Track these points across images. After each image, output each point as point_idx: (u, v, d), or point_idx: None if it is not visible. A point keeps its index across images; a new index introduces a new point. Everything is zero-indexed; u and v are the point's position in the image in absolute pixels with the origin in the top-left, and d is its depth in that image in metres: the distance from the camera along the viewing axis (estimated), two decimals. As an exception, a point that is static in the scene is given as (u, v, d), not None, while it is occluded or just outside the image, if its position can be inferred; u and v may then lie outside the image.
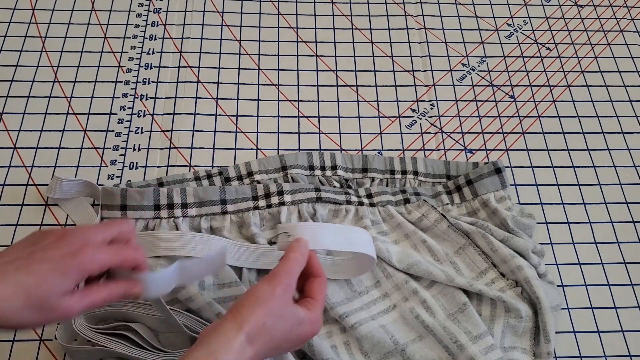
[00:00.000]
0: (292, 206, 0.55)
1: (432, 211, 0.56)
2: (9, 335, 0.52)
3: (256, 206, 0.55)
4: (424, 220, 0.55)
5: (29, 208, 0.59)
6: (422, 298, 0.52)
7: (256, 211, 0.55)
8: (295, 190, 0.56)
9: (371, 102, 0.69)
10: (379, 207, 0.56)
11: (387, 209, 0.56)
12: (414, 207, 0.57)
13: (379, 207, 0.56)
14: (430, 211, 0.56)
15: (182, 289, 0.49)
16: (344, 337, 0.51)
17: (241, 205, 0.55)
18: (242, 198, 0.55)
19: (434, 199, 0.57)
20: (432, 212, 0.56)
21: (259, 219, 0.55)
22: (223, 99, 0.68)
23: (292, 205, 0.55)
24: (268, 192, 0.56)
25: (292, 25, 0.75)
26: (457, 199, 0.58)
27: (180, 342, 0.50)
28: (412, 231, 0.55)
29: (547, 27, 0.77)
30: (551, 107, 0.69)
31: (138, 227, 0.53)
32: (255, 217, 0.55)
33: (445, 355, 0.49)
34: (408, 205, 0.57)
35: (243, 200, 0.55)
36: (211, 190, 0.55)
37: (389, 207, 0.56)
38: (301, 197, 0.56)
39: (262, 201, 0.55)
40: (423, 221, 0.56)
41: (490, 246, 0.54)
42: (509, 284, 0.53)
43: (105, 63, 0.69)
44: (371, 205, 0.56)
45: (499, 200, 0.58)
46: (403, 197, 0.57)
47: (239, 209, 0.55)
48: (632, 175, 0.65)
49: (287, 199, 0.55)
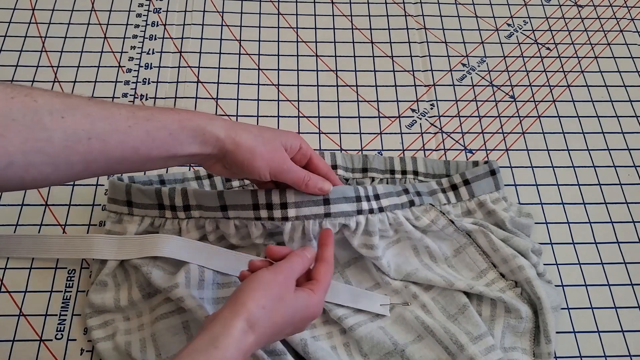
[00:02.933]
0: (297, 222, 0.51)
1: (441, 217, 0.54)
2: (9, 335, 0.52)
3: (257, 216, 0.51)
4: (433, 226, 0.54)
5: (29, 208, 0.59)
6: (422, 302, 0.52)
7: (258, 222, 0.51)
8: (301, 203, 0.50)
9: (371, 102, 0.69)
10: (387, 212, 0.53)
11: (396, 216, 0.53)
12: (422, 212, 0.54)
13: (387, 212, 0.53)
14: (439, 217, 0.54)
15: (176, 288, 0.49)
16: (343, 338, 0.51)
17: (242, 214, 0.51)
18: (241, 205, 0.51)
19: (431, 196, 0.57)
20: (440, 218, 0.54)
21: (262, 230, 0.52)
22: (223, 99, 0.68)
23: (296, 221, 0.51)
24: (270, 202, 0.50)
25: (292, 25, 0.75)
26: (452, 198, 0.57)
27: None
28: (419, 239, 0.54)
29: (547, 27, 0.77)
30: (551, 107, 0.69)
31: (144, 224, 0.53)
32: (257, 229, 0.52)
33: (445, 355, 0.49)
34: (414, 209, 0.54)
35: (243, 209, 0.51)
36: (209, 196, 0.52)
37: (398, 213, 0.53)
38: (307, 212, 0.50)
39: (264, 211, 0.50)
40: (432, 227, 0.54)
41: (492, 245, 0.54)
42: (509, 284, 0.53)
43: (105, 63, 0.69)
44: (380, 210, 0.52)
45: (494, 201, 0.57)
46: (408, 200, 0.54)
47: (240, 216, 0.51)
48: (632, 175, 0.65)
49: (291, 213, 0.50)
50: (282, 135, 0.47)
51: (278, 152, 0.46)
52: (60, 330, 0.53)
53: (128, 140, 0.39)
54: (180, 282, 0.49)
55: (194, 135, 0.42)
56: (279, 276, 0.42)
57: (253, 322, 0.39)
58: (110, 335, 0.51)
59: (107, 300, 0.52)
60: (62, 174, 0.37)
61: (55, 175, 0.37)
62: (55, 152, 0.35)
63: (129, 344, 0.50)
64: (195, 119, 0.42)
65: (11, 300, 0.54)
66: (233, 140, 0.43)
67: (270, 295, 0.40)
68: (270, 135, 0.46)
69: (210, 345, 0.37)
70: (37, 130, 0.35)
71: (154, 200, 0.53)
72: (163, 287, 0.49)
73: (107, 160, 0.38)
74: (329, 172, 0.51)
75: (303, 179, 0.48)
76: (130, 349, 0.49)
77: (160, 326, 0.50)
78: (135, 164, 0.40)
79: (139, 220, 0.53)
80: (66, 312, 0.53)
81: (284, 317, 0.41)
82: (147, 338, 0.50)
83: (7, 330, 0.52)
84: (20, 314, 0.53)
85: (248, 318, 0.38)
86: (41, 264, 0.56)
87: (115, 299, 0.52)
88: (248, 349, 0.38)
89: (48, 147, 0.35)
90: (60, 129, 0.36)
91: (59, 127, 0.35)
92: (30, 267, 0.56)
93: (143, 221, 0.53)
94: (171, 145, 0.41)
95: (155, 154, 0.40)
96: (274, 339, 0.42)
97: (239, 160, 0.44)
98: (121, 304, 0.52)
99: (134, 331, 0.51)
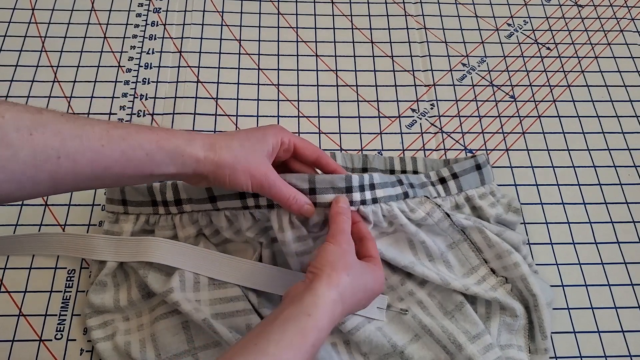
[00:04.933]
0: (283, 209, 0.49)
1: (437, 210, 0.53)
2: (9, 335, 0.52)
3: (244, 205, 0.50)
4: (428, 219, 0.53)
5: (29, 208, 0.59)
6: (419, 299, 0.52)
7: (246, 211, 0.51)
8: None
9: (371, 102, 0.69)
10: (381, 203, 0.51)
11: (391, 208, 0.52)
12: (416, 204, 0.53)
13: (382, 203, 0.51)
14: (435, 210, 0.53)
15: (171, 292, 0.49)
16: (344, 336, 0.51)
17: (229, 203, 0.51)
18: (229, 195, 0.50)
19: (422, 189, 0.55)
20: (436, 210, 0.53)
21: (251, 221, 0.51)
22: (223, 99, 0.67)
23: (281, 209, 0.49)
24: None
25: (292, 25, 0.75)
26: (442, 192, 0.56)
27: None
28: (414, 233, 0.53)
29: (547, 27, 0.77)
30: (551, 107, 0.69)
31: (139, 222, 0.53)
32: (247, 221, 0.51)
33: (443, 355, 0.49)
34: (409, 201, 0.53)
35: (230, 198, 0.50)
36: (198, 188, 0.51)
37: (393, 205, 0.52)
38: None
39: (251, 199, 0.50)
40: (427, 220, 0.53)
41: (487, 241, 0.54)
42: (500, 280, 0.53)
43: (105, 63, 0.69)
44: (374, 201, 0.51)
45: (480, 197, 0.56)
46: (402, 191, 0.53)
47: (227, 206, 0.51)
48: (632, 175, 0.64)
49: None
50: (265, 140, 0.45)
51: (261, 167, 0.44)
52: (60, 331, 0.53)
53: (100, 160, 0.38)
54: (174, 286, 0.49)
55: (171, 156, 0.41)
56: (342, 245, 0.43)
57: (342, 292, 0.40)
58: (109, 335, 0.51)
59: (106, 300, 0.52)
60: (27, 192, 0.36)
61: (19, 193, 0.35)
62: (20, 170, 0.34)
63: (128, 344, 0.50)
64: (174, 139, 0.41)
65: (11, 300, 0.54)
66: (213, 160, 0.42)
67: (347, 267, 0.42)
68: (253, 146, 0.44)
69: (303, 314, 0.37)
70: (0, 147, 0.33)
71: (146, 197, 0.53)
72: (159, 292, 0.49)
73: (76, 178, 0.37)
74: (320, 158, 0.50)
75: (288, 199, 0.46)
76: (129, 349, 0.49)
77: (160, 326, 0.50)
78: (106, 182, 0.40)
79: (134, 219, 0.53)
80: (66, 312, 0.53)
81: (360, 286, 0.42)
82: (146, 338, 0.50)
83: (7, 330, 0.52)
84: (20, 314, 0.53)
85: (338, 289, 0.40)
86: (41, 264, 0.56)
87: (115, 299, 0.52)
88: (337, 318, 0.39)
89: (12, 165, 0.34)
90: (28, 147, 0.34)
91: (26, 145, 0.34)
92: (30, 267, 0.56)
93: (138, 219, 0.53)
94: (147, 166, 0.40)
95: (130, 173, 0.40)
96: (354, 309, 0.43)
97: (220, 179, 0.43)
98: (121, 304, 0.52)
99: (134, 331, 0.51)
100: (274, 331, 0.36)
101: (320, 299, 0.38)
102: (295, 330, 0.36)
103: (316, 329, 0.37)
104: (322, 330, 0.37)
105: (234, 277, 0.51)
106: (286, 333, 0.36)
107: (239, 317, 0.49)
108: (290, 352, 0.35)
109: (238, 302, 0.50)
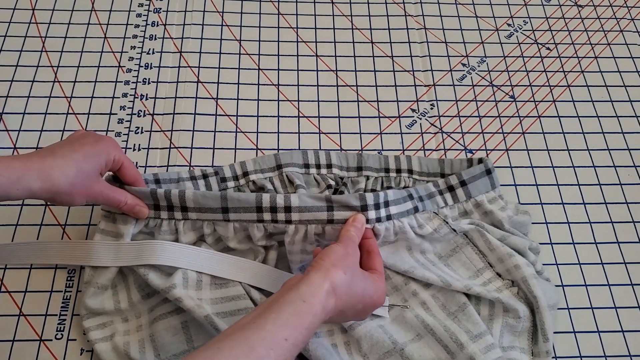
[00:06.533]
0: (300, 225, 0.51)
1: (444, 226, 0.54)
2: (9, 335, 0.52)
3: (260, 219, 0.51)
4: (435, 234, 0.54)
5: (29, 208, 0.59)
6: (422, 299, 0.52)
7: (260, 224, 0.51)
8: (305, 208, 0.50)
9: (371, 102, 0.69)
10: (394, 219, 0.52)
11: (402, 224, 0.52)
12: (425, 220, 0.54)
13: (394, 220, 0.52)
14: (442, 226, 0.54)
15: (173, 288, 0.49)
16: (344, 337, 0.51)
17: (244, 216, 0.51)
18: (244, 208, 0.51)
19: (429, 200, 0.56)
20: (443, 227, 0.54)
21: (263, 232, 0.52)
22: (223, 99, 0.68)
23: (299, 224, 0.51)
24: (275, 205, 0.50)
25: (292, 25, 0.75)
26: (449, 200, 0.57)
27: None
28: (418, 244, 0.54)
29: (547, 27, 0.77)
30: (551, 107, 0.69)
31: (139, 225, 0.53)
32: (259, 232, 0.52)
33: (444, 354, 0.49)
34: (418, 215, 0.54)
35: (246, 211, 0.51)
36: (212, 197, 0.51)
37: (404, 221, 0.53)
38: (310, 217, 0.50)
39: (267, 214, 0.51)
40: (434, 235, 0.54)
41: (488, 245, 0.54)
42: (506, 283, 0.53)
43: (105, 63, 0.69)
44: (387, 218, 0.52)
45: (490, 201, 0.57)
46: (413, 206, 0.54)
47: (241, 219, 0.51)
48: (632, 175, 0.64)
49: (295, 217, 0.50)
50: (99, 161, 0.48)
51: (95, 187, 0.48)
52: (60, 330, 0.53)
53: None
54: (177, 282, 0.49)
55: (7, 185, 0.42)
56: (348, 248, 0.46)
57: (335, 286, 0.42)
58: (108, 336, 0.51)
59: (106, 303, 0.52)
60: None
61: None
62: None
63: (127, 344, 0.50)
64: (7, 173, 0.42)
65: (11, 300, 0.54)
66: (49, 189, 0.44)
67: (347, 266, 0.44)
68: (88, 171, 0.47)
69: (299, 299, 0.40)
70: None
71: (149, 200, 0.53)
72: (161, 288, 0.49)
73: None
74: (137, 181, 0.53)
75: (119, 203, 0.51)
76: (129, 349, 0.49)
77: (159, 327, 0.49)
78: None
79: (134, 221, 0.53)
80: (66, 312, 0.53)
81: (358, 289, 0.44)
82: (146, 339, 0.50)
83: (7, 330, 0.52)
84: (20, 314, 0.53)
85: (332, 282, 0.42)
86: (41, 264, 0.56)
87: (116, 301, 0.52)
88: (329, 311, 0.41)
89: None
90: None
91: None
92: (30, 267, 0.56)
93: (138, 221, 0.53)
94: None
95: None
96: (350, 312, 0.45)
97: (57, 203, 0.47)
98: (122, 306, 0.52)
99: (133, 332, 0.51)
100: (271, 311, 0.39)
101: (315, 288, 0.41)
102: (291, 312, 0.39)
103: (311, 314, 0.40)
104: (316, 315, 0.40)
105: (238, 276, 0.52)
106: (282, 313, 0.39)
107: (241, 316, 0.49)
108: (286, 331, 0.38)
109: (240, 301, 0.50)
